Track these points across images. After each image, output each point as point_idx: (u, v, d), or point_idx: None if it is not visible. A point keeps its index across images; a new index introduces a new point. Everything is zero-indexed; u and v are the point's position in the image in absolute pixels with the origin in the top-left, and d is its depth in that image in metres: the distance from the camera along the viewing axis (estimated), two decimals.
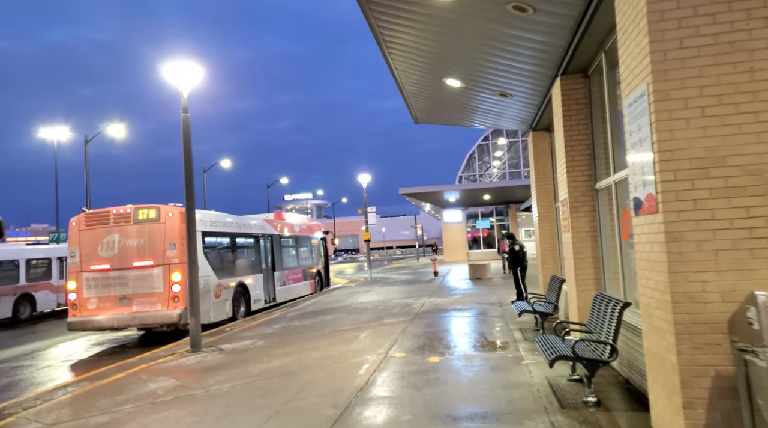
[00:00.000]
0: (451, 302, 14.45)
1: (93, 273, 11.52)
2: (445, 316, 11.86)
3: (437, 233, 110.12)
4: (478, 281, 20.71)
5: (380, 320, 11.79)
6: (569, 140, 7.20)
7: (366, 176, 26.00)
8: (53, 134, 32.40)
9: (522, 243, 13.55)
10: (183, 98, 9.43)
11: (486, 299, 14.74)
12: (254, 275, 15.17)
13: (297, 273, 18.73)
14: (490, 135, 40.70)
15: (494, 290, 16.87)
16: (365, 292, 18.92)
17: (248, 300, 14.59)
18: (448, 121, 13.01)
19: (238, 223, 14.67)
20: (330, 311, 14.10)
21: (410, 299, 15.76)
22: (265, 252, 16.32)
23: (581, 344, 5.61)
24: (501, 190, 35.71)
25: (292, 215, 20.07)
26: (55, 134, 32.51)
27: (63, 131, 32.96)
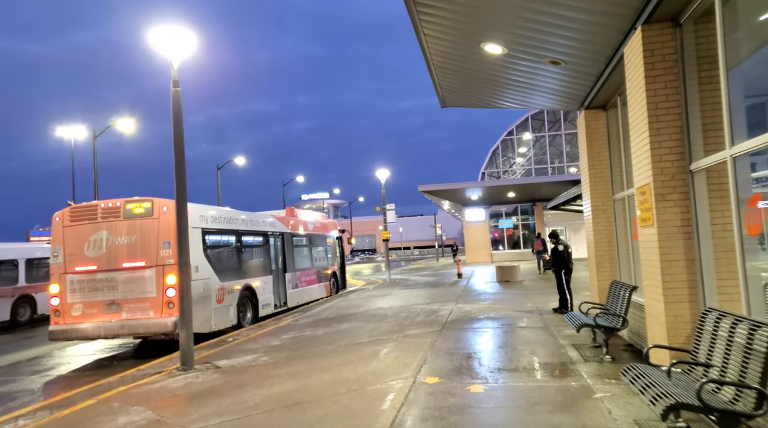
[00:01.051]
0: (481, 309, 12.82)
1: (78, 275, 10.16)
2: (479, 327, 10.25)
3: (456, 233, 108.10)
4: (508, 285, 19.02)
5: (403, 330, 10.23)
6: (653, 108, 5.56)
7: (384, 171, 24.46)
8: (70, 132, 31.64)
9: (567, 242, 11.86)
10: (173, 70, 7.99)
11: (521, 305, 13.08)
12: (263, 278, 13.72)
13: (310, 275, 17.26)
14: (515, 129, 38.80)
15: (528, 295, 15.18)
16: (384, 296, 17.38)
17: (256, 305, 13.15)
18: (480, 102, 11.38)
19: (244, 220, 13.23)
20: (346, 318, 12.58)
21: (435, 304, 14.17)
22: (276, 252, 14.87)
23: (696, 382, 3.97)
24: (526, 187, 33.87)
25: (306, 212, 18.62)
26: (72, 133, 31.77)
27: (80, 130, 32.23)
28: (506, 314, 11.65)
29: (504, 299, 14.48)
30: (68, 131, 31.87)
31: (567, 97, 9.51)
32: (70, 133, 32.10)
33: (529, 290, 16.73)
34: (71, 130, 31.90)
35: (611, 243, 8.99)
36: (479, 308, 12.86)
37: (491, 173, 39.69)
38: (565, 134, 38.87)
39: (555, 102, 10.18)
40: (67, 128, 32.04)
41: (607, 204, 9.05)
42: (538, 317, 11.14)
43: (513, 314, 11.59)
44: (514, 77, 8.98)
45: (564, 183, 32.87)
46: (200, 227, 11.07)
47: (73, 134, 32.20)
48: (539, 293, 15.75)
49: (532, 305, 13.09)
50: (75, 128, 32.07)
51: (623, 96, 8.17)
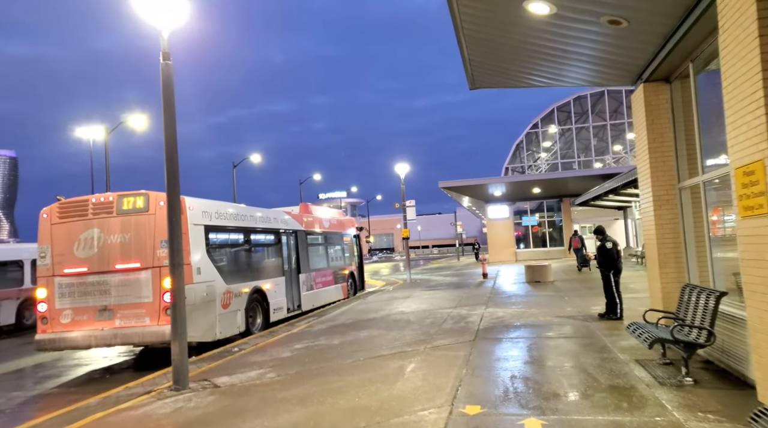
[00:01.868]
0: (516, 314, 11.49)
1: (67, 278, 9.12)
2: (518, 337, 8.95)
3: (475, 231, 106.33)
4: (539, 286, 17.62)
5: (431, 340, 8.98)
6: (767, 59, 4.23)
7: (404, 165, 23.20)
8: (89, 133, 31.26)
9: (615, 239, 10.49)
10: (163, 40, 6.86)
11: (560, 310, 11.72)
12: (274, 279, 12.58)
13: (326, 276, 16.11)
14: (540, 122, 37.17)
15: (565, 298, 13.79)
16: (406, 298, 16.13)
17: (266, 310, 12.02)
18: (514, 79, 10.06)
19: (253, 216, 12.11)
20: (365, 324, 11.37)
21: (463, 308, 12.88)
22: (288, 251, 13.74)
23: None
24: (553, 182, 32.31)
25: (322, 208, 17.46)
26: (90, 133, 31.40)
27: (98, 131, 31.80)
28: (545, 321, 10.32)
29: (539, 303, 13.13)
30: (87, 131, 31.47)
31: (620, 68, 8.14)
32: (89, 133, 31.72)
33: (564, 291, 15.33)
34: (90, 130, 31.50)
35: (677, 239, 7.62)
36: (513, 314, 11.54)
37: (515, 168, 38.13)
38: (592, 126, 37.16)
39: (603, 76, 8.81)
40: (86, 129, 31.64)
41: (672, 193, 7.68)
42: (582, 324, 9.79)
43: (553, 321, 10.26)
44: (557, 46, 7.66)
45: (593, 178, 31.25)
46: (203, 224, 9.96)
47: (92, 135, 31.82)
48: (576, 295, 14.35)
49: (572, 309, 11.73)
50: (94, 129, 31.69)
51: (698, 62, 6.79)
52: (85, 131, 31.03)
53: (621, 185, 20.40)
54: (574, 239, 23.86)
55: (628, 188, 20.97)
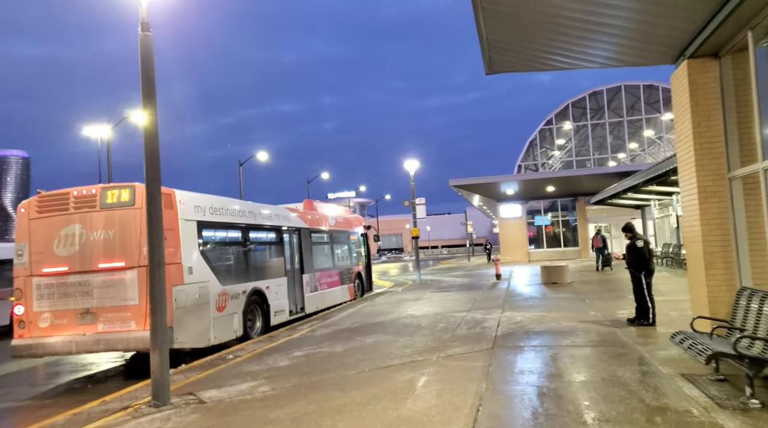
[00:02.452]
0: (535, 319, 10.59)
1: (46, 278, 8.36)
2: (541, 346, 8.05)
3: (485, 232, 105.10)
4: (556, 288, 16.67)
5: (444, 348, 8.11)
6: None
7: (413, 162, 22.33)
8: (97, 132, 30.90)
9: (646, 238, 9.55)
10: (141, 10, 6.05)
11: (583, 314, 10.79)
12: (275, 280, 11.77)
13: (332, 276, 15.28)
14: (554, 118, 36.08)
15: (586, 301, 12.85)
16: (416, 300, 15.27)
17: (267, 312, 11.21)
18: (536, 61, 9.16)
19: (253, 212, 11.30)
20: (372, 329, 10.52)
21: (477, 312, 11.99)
22: (291, 250, 12.93)
23: None
24: (567, 180, 31.29)
25: (328, 205, 16.65)
26: (98, 132, 31.07)
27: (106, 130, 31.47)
28: (569, 327, 9.41)
29: (558, 306, 12.20)
30: (94, 130, 31.02)
31: (659, 43, 7.23)
32: (97, 132, 31.26)
33: (584, 294, 14.38)
34: (97, 129, 31.05)
35: (726, 237, 6.69)
36: (532, 318, 10.64)
37: (528, 166, 37.08)
38: (608, 122, 36.02)
39: (637, 53, 7.88)
40: (94, 128, 31.19)
41: (720, 184, 6.75)
42: (611, 331, 8.87)
43: (578, 327, 9.34)
44: (585, 17, 6.78)
45: (609, 176, 30.17)
46: (195, 219, 9.17)
47: (99, 133, 31.37)
48: (597, 297, 13.40)
49: (596, 314, 10.80)
50: (101, 127, 31.25)
51: (759, 30, 5.87)
52: (92, 129, 30.65)
53: (643, 182, 19.43)
54: (595, 238, 23.11)
55: (649, 185, 19.99)
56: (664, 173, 16.43)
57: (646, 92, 34.38)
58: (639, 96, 34.50)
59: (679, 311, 10.47)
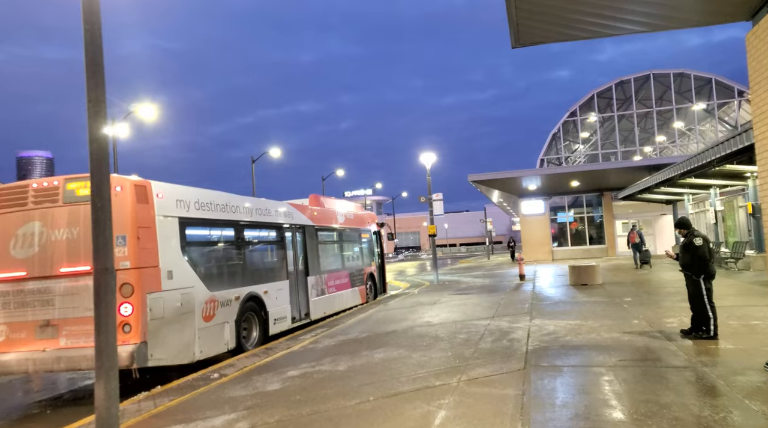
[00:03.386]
0: (571, 328, 9.18)
1: (0, 285, 7.24)
2: (583, 365, 6.67)
3: (504, 229, 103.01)
4: (587, 290, 15.18)
5: (466, 368, 6.78)
6: None
7: (430, 155, 20.98)
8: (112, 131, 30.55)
9: (705, 235, 8.09)
10: None
11: (625, 323, 9.35)
12: (275, 284, 10.55)
13: (341, 278, 14.03)
14: (578, 110, 34.29)
15: (624, 306, 11.38)
16: (433, 305, 13.93)
17: (264, 321, 9.99)
18: (570, 28, 7.72)
19: (248, 208, 10.08)
20: (382, 340, 9.22)
21: (502, 319, 10.61)
22: (294, 250, 11.70)
23: None
24: (593, 174, 29.60)
25: (336, 201, 15.40)
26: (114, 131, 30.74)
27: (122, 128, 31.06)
28: (612, 340, 8.00)
29: (594, 313, 10.76)
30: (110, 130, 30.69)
31: None
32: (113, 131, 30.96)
33: (620, 297, 12.88)
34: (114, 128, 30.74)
35: None
36: (567, 328, 9.23)
37: (551, 160, 35.38)
38: (636, 113, 34.12)
39: (701, 8, 6.42)
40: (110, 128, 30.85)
41: None
42: (664, 346, 7.44)
43: (622, 340, 7.92)
44: None
45: (638, 169, 28.40)
46: (178, 216, 7.96)
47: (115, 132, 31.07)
48: (637, 302, 11.91)
49: (639, 322, 9.36)
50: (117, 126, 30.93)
51: None
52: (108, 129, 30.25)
53: (680, 175, 17.81)
54: (632, 233, 22.03)
55: (687, 178, 18.34)
56: (709, 162, 14.82)
57: (677, 81, 32.40)
58: (669, 85, 32.54)
59: (739, 320, 8.99)
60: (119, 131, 30.96)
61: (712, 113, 32.77)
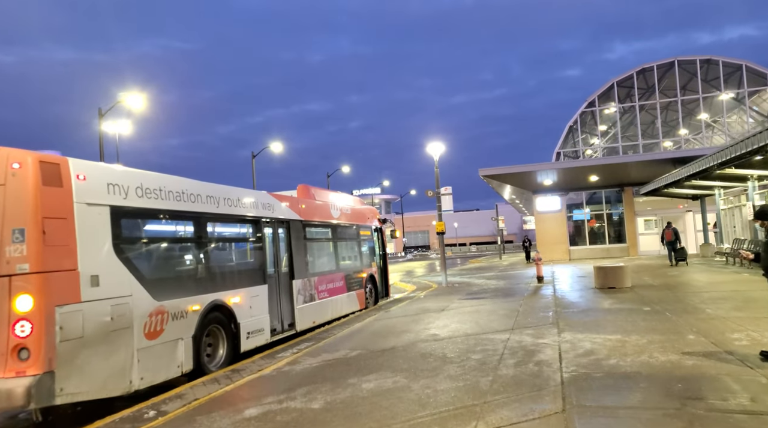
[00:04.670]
0: (612, 346, 7.30)
1: None
2: (645, 406, 4.80)
3: (516, 228, 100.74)
4: (616, 294, 13.27)
5: (483, 411, 4.94)
6: None
7: (438, 145, 19.12)
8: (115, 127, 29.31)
9: None
10: None
11: (679, 338, 7.47)
12: (249, 289, 8.76)
13: (335, 281, 12.24)
14: (597, 100, 32.21)
15: (666, 314, 9.47)
16: (440, 312, 12.09)
17: (235, 335, 8.21)
18: None
19: (213, 197, 8.29)
20: (376, 361, 7.41)
21: (524, 332, 8.76)
22: (276, 249, 9.92)
23: None
24: (613, 168, 27.64)
25: (331, 193, 13.58)
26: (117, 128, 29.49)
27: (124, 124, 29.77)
28: (672, 364, 6.13)
29: (635, 324, 8.85)
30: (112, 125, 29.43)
31: None
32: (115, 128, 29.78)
33: (658, 304, 10.94)
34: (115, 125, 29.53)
35: None
36: (608, 345, 7.36)
37: (567, 154, 33.34)
38: (659, 103, 31.97)
39: None
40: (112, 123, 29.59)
41: None
42: (747, 373, 5.56)
43: (686, 365, 6.05)
44: None
45: (662, 162, 26.33)
46: (109, 204, 6.20)
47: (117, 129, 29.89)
48: (680, 309, 10.01)
49: (697, 338, 7.46)
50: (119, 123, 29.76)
51: None
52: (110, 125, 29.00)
53: (719, 164, 15.85)
54: (667, 231, 21.39)
55: (727, 167, 16.36)
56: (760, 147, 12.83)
57: (704, 68, 30.20)
58: (695, 72, 30.39)
59: None
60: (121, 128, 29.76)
61: (742, 101, 30.55)
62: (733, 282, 14.48)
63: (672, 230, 21.78)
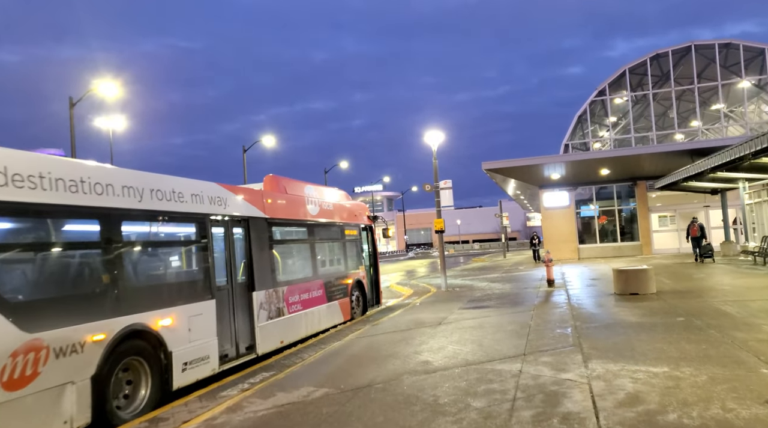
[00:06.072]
0: (663, 386, 5.37)
1: None
2: None
3: (519, 225, 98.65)
4: (640, 302, 11.35)
5: None
6: None
7: (436, 133, 17.16)
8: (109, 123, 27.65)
9: None
10: None
11: (752, 376, 5.55)
12: (187, 306, 6.85)
13: (312, 290, 10.33)
14: (608, 88, 30.15)
15: (712, 332, 7.52)
16: (437, 326, 10.18)
17: (165, 367, 6.32)
18: None
19: (133, 188, 6.34)
20: (343, 408, 5.49)
21: (539, 361, 6.83)
22: (230, 253, 8.00)
23: None
24: (625, 160, 25.66)
25: (308, 186, 11.63)
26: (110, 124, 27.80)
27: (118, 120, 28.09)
28: (759, 421, 4.21)
29: (680, 348, 6.92)
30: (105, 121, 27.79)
31: None
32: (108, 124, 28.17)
33: (697, 317, 8.99)
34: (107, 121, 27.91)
35: None
36: (655, 386, 5.42)
37: (575, 146, 31.32)
38: (674, 91, 29.90)
39: None
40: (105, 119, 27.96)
41: None
42: None
43: None
44: None
45: (679, 154, 24.31)
46: None
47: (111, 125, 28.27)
48: (730, 325, 8.08)
49: None
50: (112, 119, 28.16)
51: None
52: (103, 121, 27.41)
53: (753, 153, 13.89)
54: (692, 227, 20.73)
55: (761, 156, 14.38)
56: None
57: (722, 53, 28.12)
58: (713, 58, 28.31)
59: None
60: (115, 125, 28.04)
61: (765, 88, 28.46)
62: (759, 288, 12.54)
63: (698, 226, 20.94)
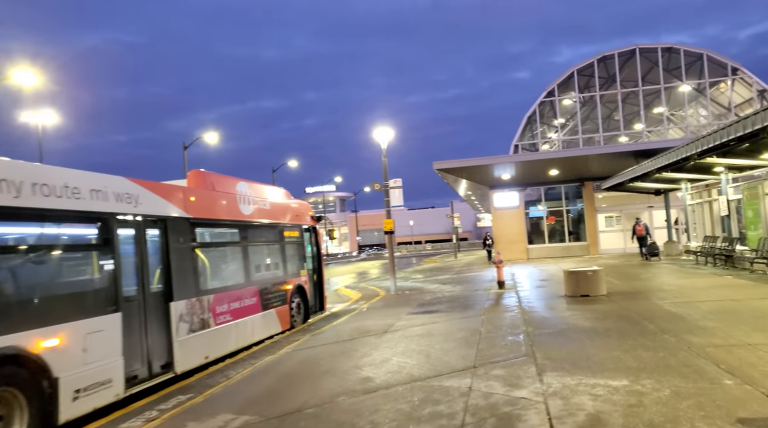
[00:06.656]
0: (627, 406, 4.80)
1: None
2: None
3: (470, 226, 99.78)
4: (591, 304, 11.01)
5: None
6: None
7: (386, 130, 16.45)
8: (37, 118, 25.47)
9: None
10: None
11: (714, 387, 5.08)
12: (83, 323, 5.78)
13: (244, 298, 9.35)
14: (556, 89, 30.39)
15: (666, 336, 7.12)
16: (382, 334, 9.42)
17: (49, 397, 5.24)
18: None
19: (5, 180, 5.25)
20: None
21: (490, 374, 6.17)
22: (141, 259, 6.93)
23: None
24: (574, 161, 25.80)
25: (241, 183, 10.55)
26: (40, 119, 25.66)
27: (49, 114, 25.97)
28: None
29: (637, 356, 6.45)
30: (35, 116, 25.47)
31: None
32: (38, 118, 25.86)
33: (650, 320, 8.63)
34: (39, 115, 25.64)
35: None
36: (617, 403, 4.85)
37: (525, 147, 31.45)
38: (620, 92, 30.47)
39: None
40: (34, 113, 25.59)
41: None
42: None
43: None
44: None
45: (625, 155, 24.65)
46: None
47: (41, 120, 26.00)
48: (683, 329, 7.73)
49: (737, 384, 5.13)
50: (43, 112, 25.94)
51: None
52: (32, 115, 25.07)
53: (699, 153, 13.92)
54: (638, 226, 21.19)
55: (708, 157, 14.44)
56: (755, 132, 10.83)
57: (665, 57, 28.91)
58: (656, 61, 29.04)
59: None
60: (44, 119, 25.76)
61: (703, 92, 29.44)
62: (720, 288, 12.51)
63: (643, 226, 21.58)
